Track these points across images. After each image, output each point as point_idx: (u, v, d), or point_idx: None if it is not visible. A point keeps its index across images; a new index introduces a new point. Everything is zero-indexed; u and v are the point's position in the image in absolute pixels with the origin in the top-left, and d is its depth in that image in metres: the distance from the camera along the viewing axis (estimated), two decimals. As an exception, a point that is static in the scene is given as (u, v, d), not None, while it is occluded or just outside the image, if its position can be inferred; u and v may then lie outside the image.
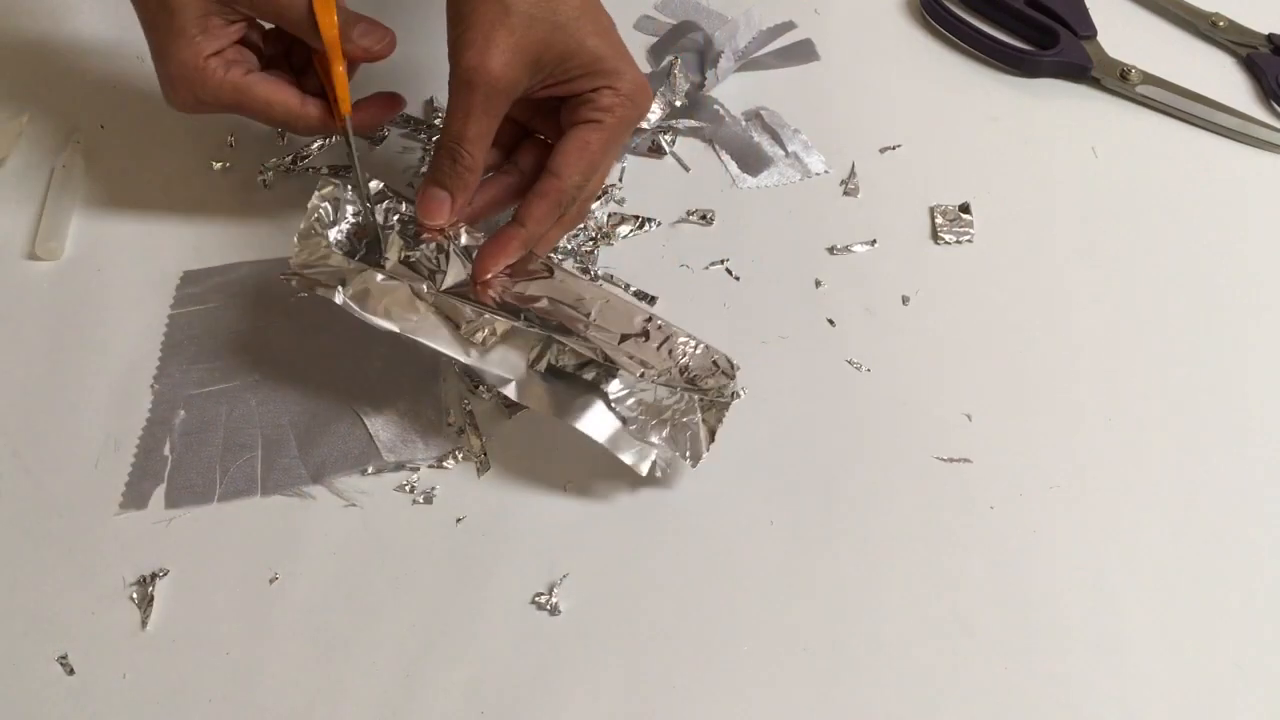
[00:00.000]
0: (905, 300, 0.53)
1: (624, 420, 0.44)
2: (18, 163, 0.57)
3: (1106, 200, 0.57)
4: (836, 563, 0.44)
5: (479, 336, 0.45)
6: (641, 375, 0.44)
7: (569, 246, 0.54)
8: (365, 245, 0.47)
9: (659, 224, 0.55)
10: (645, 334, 0.46)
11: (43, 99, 0.60)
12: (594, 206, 0.55)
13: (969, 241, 0.55)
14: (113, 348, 0.50)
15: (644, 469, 0.45)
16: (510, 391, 0.45)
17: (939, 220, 0.56)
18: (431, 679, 0.41)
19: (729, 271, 0.54)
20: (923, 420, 0.48)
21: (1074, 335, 0.52)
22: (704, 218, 0.56)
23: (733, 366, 0.45)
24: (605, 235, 0.55)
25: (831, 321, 0.52)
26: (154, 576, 0.44)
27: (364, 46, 0.48)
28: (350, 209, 0.47)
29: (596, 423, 0.44)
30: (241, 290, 0.52)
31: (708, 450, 0.45)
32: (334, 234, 0.47)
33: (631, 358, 0.45)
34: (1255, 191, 0.58)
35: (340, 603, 0.43)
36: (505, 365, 0.45)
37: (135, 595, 0.43)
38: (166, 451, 0.47)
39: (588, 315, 0.46)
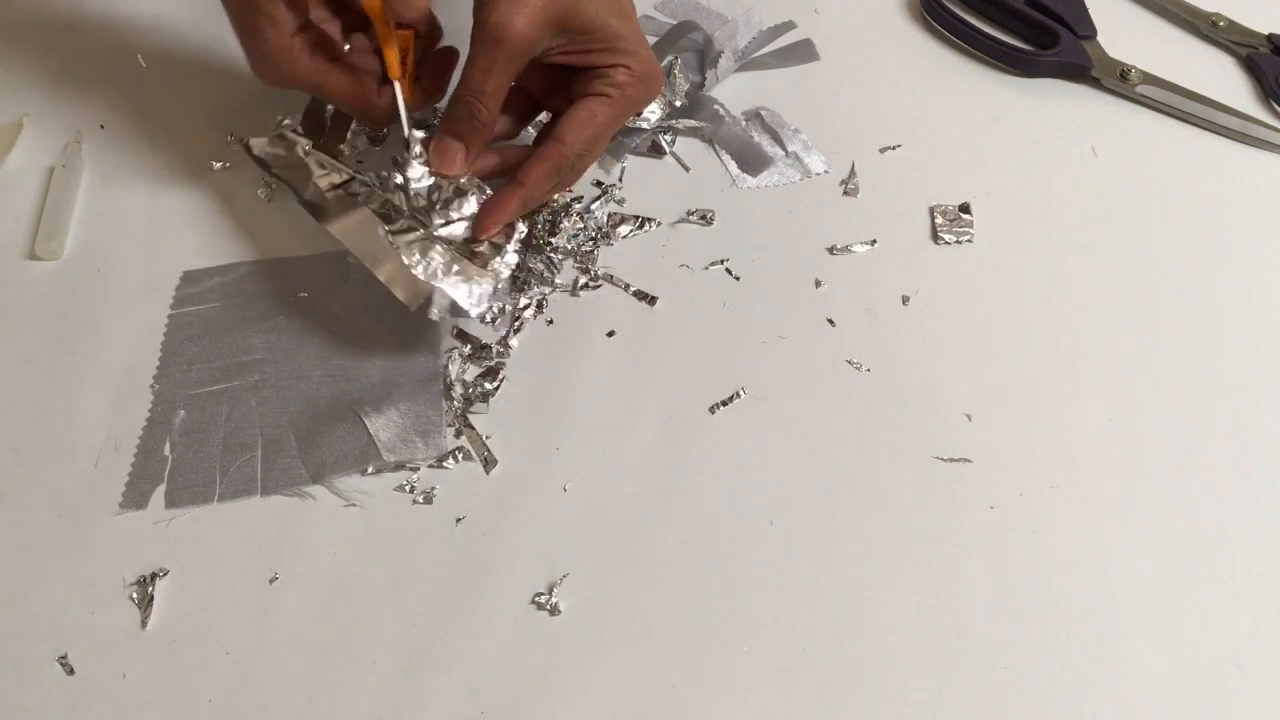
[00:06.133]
0: (905, 300, 0.53)
1: (392, 243, 0.47)
2: (18, 163, 0.57)
3: (1106, 200, 0.57)
4: (836, 563, 0.44)
5: (325, 183, 0.51)
6: (424, 231, 0.48)
7: (569, 247, 0.54)
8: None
9: (659, 224, 0.55)
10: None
11: (43, 99, 0.60)
12: (594, 206, 0.55)
13: (969, 241, 0.55)
14: (113, 348, 0.50)
15: (404, 295, 0.47)
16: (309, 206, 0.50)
17: (939, 220, 0.56)
18: (431, 679, 0.41)
19: (729, 271, 0.54)
20: (923, 420, 0.48)
21: (1074, 335, 0.52)
22: (704, 218, 0.56)
23: (513, 228, 0.50)
24: (605, 235, 0.55)
25: (831, 321, 0.52)
26: (154, 576, 0.44)
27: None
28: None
29: (360, 234, 0.48)
30: (241, 290, 0.52)
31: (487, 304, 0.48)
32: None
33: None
34: (1255, 191, 0.58)
35: (340, 603, 0.43)
36: (314, 192, 0.51)
37: (135, 595, 0.43)
38: (166, 451, 0.47)
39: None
